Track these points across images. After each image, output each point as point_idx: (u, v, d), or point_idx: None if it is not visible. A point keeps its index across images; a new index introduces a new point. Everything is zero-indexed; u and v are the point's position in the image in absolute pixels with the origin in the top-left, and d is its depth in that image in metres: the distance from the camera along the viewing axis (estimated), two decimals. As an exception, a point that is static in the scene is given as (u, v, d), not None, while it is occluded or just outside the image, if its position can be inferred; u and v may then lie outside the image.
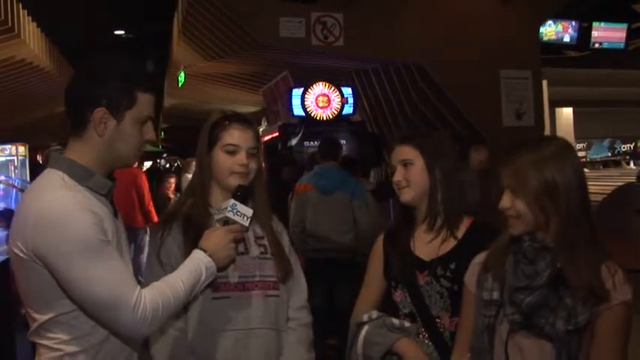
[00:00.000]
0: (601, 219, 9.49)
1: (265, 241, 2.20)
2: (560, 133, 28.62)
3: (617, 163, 34.00)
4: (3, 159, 13.32)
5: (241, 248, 2.13)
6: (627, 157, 34.62)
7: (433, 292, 2.14)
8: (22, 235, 1.64)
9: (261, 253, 2.18)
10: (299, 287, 2.27)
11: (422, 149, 2.21)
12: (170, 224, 2.14)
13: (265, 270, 2.16)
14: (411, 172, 2.20)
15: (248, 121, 2.21)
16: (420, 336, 2.13)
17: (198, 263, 1.83)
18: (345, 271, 4.69)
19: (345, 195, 4.89)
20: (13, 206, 10.57)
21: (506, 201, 1.76)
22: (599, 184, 17.30)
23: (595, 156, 34.13)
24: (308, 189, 5.04)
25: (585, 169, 18.24)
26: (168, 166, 23.45)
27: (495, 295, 1.82)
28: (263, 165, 2.26)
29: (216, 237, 1.90)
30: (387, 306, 2.23)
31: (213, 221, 2.02)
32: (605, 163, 34.00)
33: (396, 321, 2.13)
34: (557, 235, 1.74)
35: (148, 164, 19.65)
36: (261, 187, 2.23)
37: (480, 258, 1.94)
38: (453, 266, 2.12)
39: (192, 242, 2.02)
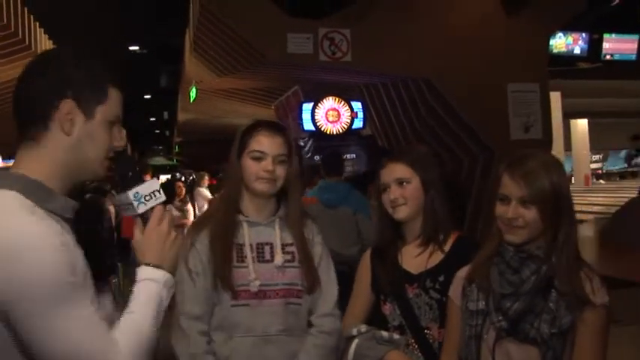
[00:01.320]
0: (615, 230, 9.49)
1: (294, 248, 2.23)
2: (575, 144, 28.50)
3: (634, 175, 33.74)
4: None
5: (267, 256, 2.18)
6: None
7: (422, 303, 2.20)
8: None
9: (287, 261, 2.20)
10: (327, 294, 2.27)
11: (416, 167, 2.28)
12: (199, 231, 2.19)
13: (290, 278, 2.18)
14: (407, 190, 2.26)
15: (277, 128, 2.25)
16: (410, 347, 2.19)
17: (151, 287, 1.48)
18: (352, 284, 4.76)
19: (349, 209, 4.96)
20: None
21: (514, 211, 1.82)
22: (617, 196, 17.22)
23: (612, 167, 33.93)
24: (313, 203, 5.12)
25: (601, 181, 18.25)
26: (183, 179, 23.68)
27: (481, 305, 1.89)
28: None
29: (151, 242, 1.53)
30: (376, 318, 2.29)
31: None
32: (622, 175, 33.76)
33: (385, 334, 2.19)
34: (556, 244, 1.83)
35: (163, 178, 19.80)
36: (295, 193, 2.27)
37: (463, 271, 2.01)
38: (441, 279, 2.18)
39: (220, 249, 2.10)
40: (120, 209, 1.63)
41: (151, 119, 29.75)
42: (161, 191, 1.59)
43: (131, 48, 15.95)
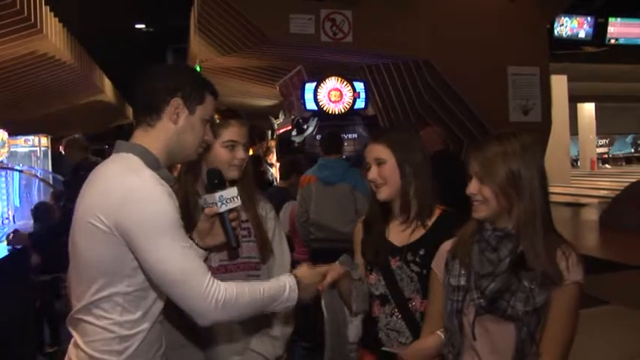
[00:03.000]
0: (614, 214, 9.53)
1: (249, 224, 2.33)
2: (581, 128, 28.39)
3: (640, 159, 33.62)
4: (26, 150, 13.65)
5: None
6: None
7: (405, 275, 2.28)
8: (105, 207, 1.69)
9: (244, 236, 2.30)
10: (282, 261, 2.39)
11: (393, 147, 2.34)
12: None
13: (248, 252, 2.30)
14: (384, 170, 2.34)
15: (243, 117, 2.35)
16: (394, 317, 2.28)
17: (285, 281, 1.92)
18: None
19: (347, 186, 5.02)
20: (35, 195, 10.85)
21: (473, 187, 1.91)
22: (621, 181, 17.18)
23: (617, 152, 33.73)
24: (312, 181, 5.20)
25: (607, 166, 18.05)
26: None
27: (462, 280, 1.96)
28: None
29: (310, 273, 2.00)
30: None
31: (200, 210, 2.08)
32: (628, 160, 33.59)
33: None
34: (519, 222, 1.89)
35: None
36: (248, 175, 2.37)
37: (447, 245, 2.07)
38: (422, 252, 2.25)
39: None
40: (204, 205, 2.01)
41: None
42: (239, 198, 1.98)
43: (137, 26, 15.93)
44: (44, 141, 13.98)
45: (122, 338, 1.75)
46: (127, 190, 1.69)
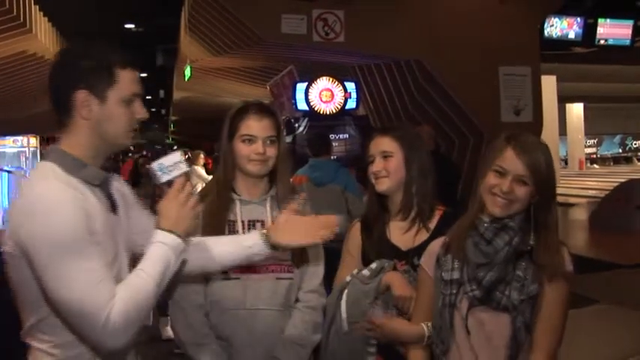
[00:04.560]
0: (603, 214, 9.61)
1: None
2: (570, 128, 28.54)
3: (628, 160, 33.81)
4: (15, 150, 13.59)
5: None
6: (639, 154, 34.43)
7: (412, 279, 2.27)
8: (11, 227, 1.55)
9: None
10: (313, 271, 2.34)
11: (402, 143, 2.35)
12: None
13: (280, 253, 2.19)
14: (390, 163, 2.34)
15: (265, 111, 2.31)
16: (401, 317, 2.26)
17: (160, 249, 1.63)
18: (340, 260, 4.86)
19: (338, 187, 5.05)
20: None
21: (509, 186, 1.91)
22: (609, 181, 17.31)
23: (606, 152, 33.93)
24: (303, 181, 5.21)
25: (595, 165, 18.20)
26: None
27: (456, 274, 1.98)
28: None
29: (169, 207, 1.67)
30: None
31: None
32: (616, 160, 33.81)
33: (365, 271, 2.27)
34: (537, 216, 1.92)
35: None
36: (284, 172, 2.35)
37: (436, 243, 2.09)
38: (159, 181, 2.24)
39: (212, 230, 2.15)
40: (153, 180, 1.76)
41: (147, 97, 29.65)
42: (183, 162, 1.73)
43: (127, 26, 15.86)
44: (33, 141, 13.92)
45: None
46: (26, 203, 1.54)
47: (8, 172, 10.54)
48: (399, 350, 2.19)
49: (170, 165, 1.72)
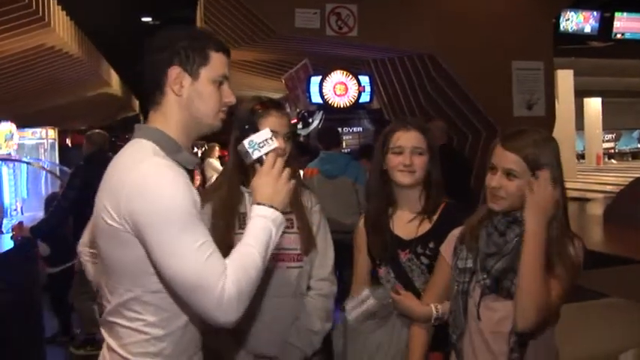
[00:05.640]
0: (618, 209, 9.56)
1: (292, 216, 2.35)
2: (588, 123, 28.32)
3: (646, 155, 33.53)
4: (33, 142, 13.73)
5: None
6: (657, 149, 34.14)
7: (415, 267, 2.34)
8: (116, 202, 1.57)
9: (286, 227, 2.35)
10: (324, 259, 2.41)
11: (428, 139, 2.41)
12: (204, 202, 2.20)
13: (288, 243, 2.31)
14: (420, 159, 2.37)
15: (283, 107, 2.41)
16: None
17: (261, 221, 1.67)
18: (350, 252, 4.92)
19: (349, 179, 5.12)
20: (42, 187, 10.93)
21: (498, 181, 1.97)
22: (627, 176, 17.18)
23: (624, 147, 33.63)
24: (314, 174, 5.28)
25: (613, 160, 18.03)
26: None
27: (469, 263, 2.05)
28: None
29: (264, 182, 1.72)
30: (374, 281, 2.45)
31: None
32: (635, 155, 33.50)
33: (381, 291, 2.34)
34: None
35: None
36: (293, 165, 2.33)
37: (456, 231, 2.16)
38: (431, 245, 2.31)
39: (224, 223, 2.23)
40: (243, 158, 1.83)
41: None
42: (273, 138, 1.79)
43: (144, 19, 15.96)
44: (51, 133, 14.06)
45: (157, 339, 1.64)
46: (134, 181, 1.55)
47: (27, 163, 10.68)
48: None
49: (260, 142, 1.77)
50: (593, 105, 27.93)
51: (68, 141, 16.19)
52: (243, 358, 2.33)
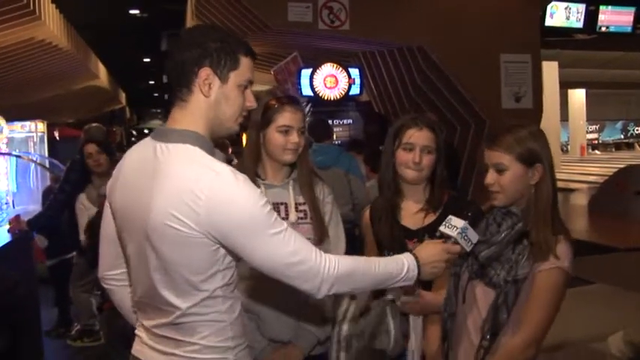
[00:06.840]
0: (602, 199, 9.74)
1: (306, 207, 2.46)
2: (572, 114, 28.56)
3: (629, 146, 33.82)
4: (23, 135, 13.70)
5: (282, 214, 2.40)
6: (640, 140, 34.49)
7: None
8: (190, 212, 1.58)
9: (300, 218, 2.44)
10: (336, 248, 2.49)
11: (437, 136, 2.53)
12: None
13: (303, 233, 2.31)
14: (428, 158, 2.49)
15: (298, 103, 2.49)
16: (416, 292, 2.43)
17: (403, 260, 1.83)
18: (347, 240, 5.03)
19: (341, 170, 5.21)
20: (32, 180, 10.92)
21: (490, 178, 2.10)
22: (611, 166, 17.39)
23: (607, 138, 33.94)
24: (308, 165, 5.36)
25: (597, 151, 18.21)
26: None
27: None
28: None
29: (432, 249, 1.91)
30: None
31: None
32: (618, 146, 33.82)
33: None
34: (531, 201, 2.08)
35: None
36: (305, 157, 2.51)
37: None
38: (438, 234, 2.43)
39: None
40: (446, 223, 2.02)
41: (150, 82, 29.65)
42: (472, 246, 2.00)
43: (131, 12, 15.87)
44: (41, 126, 14.04)
45: (231, 324, 1.75)
46: (211, 192, 1.58)
47: (17, 156, 10.68)
48: None
49: (467, 238, 1.97)
50: (578, 96, 28.19)
51: (56, 134, 16.11)
52: (259, 343, 2.43)
